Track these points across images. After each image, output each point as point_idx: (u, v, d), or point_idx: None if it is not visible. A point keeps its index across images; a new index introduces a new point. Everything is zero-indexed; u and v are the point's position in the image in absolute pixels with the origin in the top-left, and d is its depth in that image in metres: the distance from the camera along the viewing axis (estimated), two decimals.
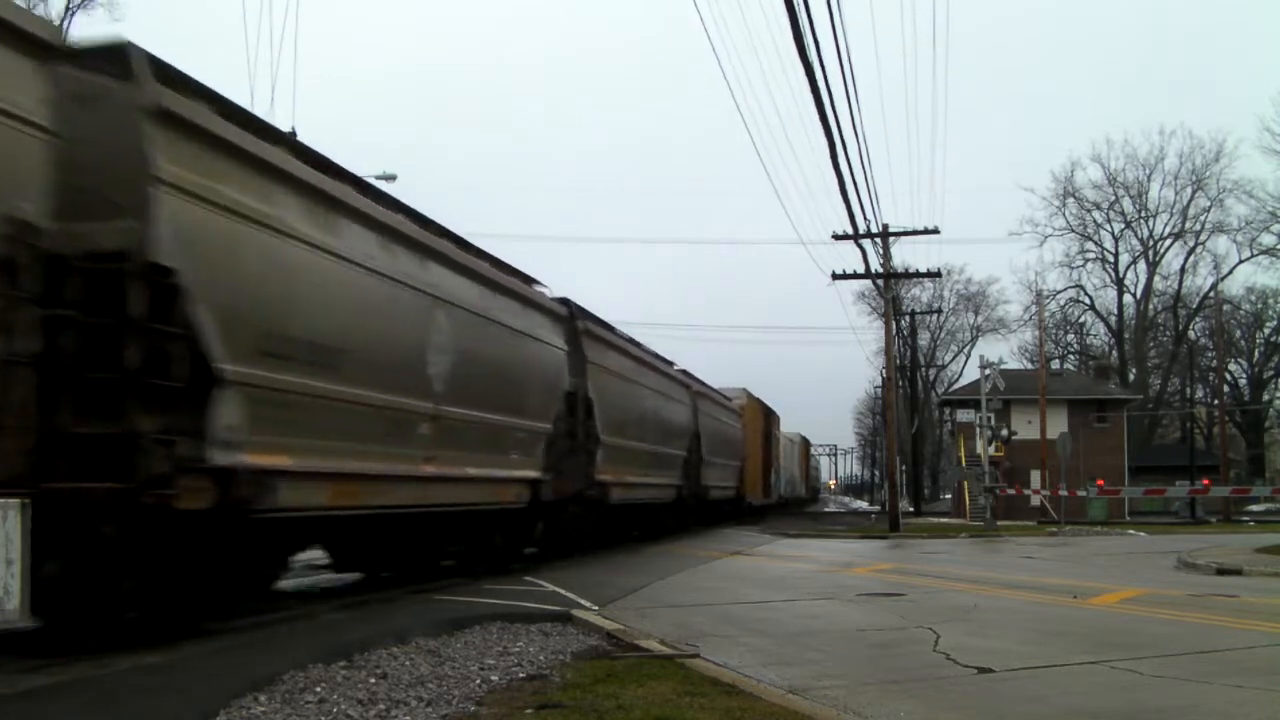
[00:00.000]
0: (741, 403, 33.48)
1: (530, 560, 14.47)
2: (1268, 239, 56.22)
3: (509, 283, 13.14)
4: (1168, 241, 60.92)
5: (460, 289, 11.36)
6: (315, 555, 11.88)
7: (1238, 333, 62.29)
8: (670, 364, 24.11)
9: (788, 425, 51.34)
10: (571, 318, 15.68)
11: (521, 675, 6.53)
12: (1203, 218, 58.91)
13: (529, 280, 14.19)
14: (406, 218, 10.61)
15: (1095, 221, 61.66)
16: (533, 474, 13.42)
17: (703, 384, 27.30)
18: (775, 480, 42.23)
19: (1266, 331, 63.82)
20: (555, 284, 15.64)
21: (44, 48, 6.42)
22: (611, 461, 16.96)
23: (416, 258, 10.43)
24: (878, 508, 59.67)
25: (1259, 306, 62.22)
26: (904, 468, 50.14)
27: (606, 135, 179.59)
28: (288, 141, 8.74)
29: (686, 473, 23.86)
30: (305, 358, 8.23)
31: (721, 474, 28.95)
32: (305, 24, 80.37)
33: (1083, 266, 61.96)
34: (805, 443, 64.24)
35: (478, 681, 6.28)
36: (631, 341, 20.11)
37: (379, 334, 9.51)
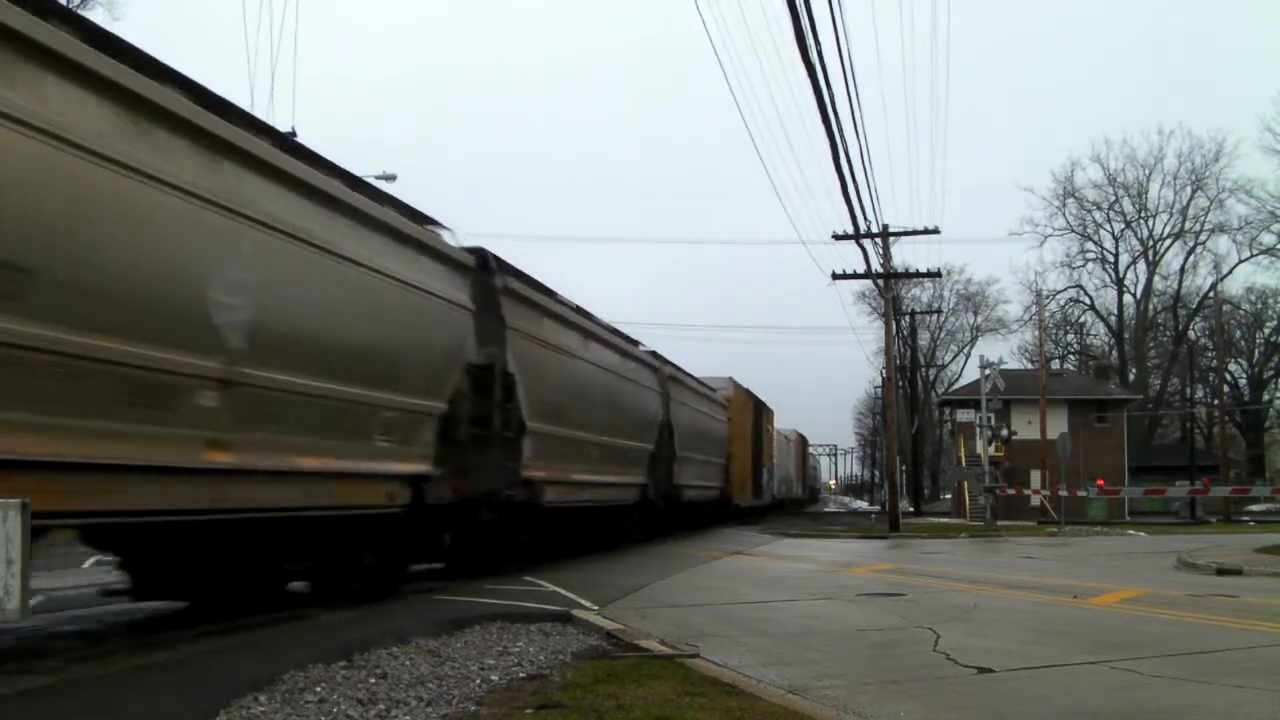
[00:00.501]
0: (728, 394, 30.79)
1: (427, 578, 12.03)
2: (1268, 239, 56.45)
3: (378, 212, 9.79)
4: (1168, 241, 61.12)
5: (284, 208, 8.18)
6: (114, 579, 9.38)
7: (1238, 333, 62.34)
8: (635, 343, 20.70)
9: (786, 423, 50.07)
10: (485, 270, 12.26)
11: (521, 675, 6.53)
12: (1203, 218, 59.15)
13: (421, 218, 10.98)
14: (185, 95, 7.27)
15: (1095, 221, 61.88)
16: (415, 468, 10.35)
17: (678, 369, 23.77)
18: (767, 479, 39.51)
19: (1266, 331, 63.89)
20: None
21: None
22: (545, 455, 13.84)
23: (199, 153, 7.23)
24: (878, 508, 59.63)
25: (1259, 306, 62.37)
26: (904, 468, 50.13)
27: (606, 135, 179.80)
28: None
29: (654, 470, 20.67)
30: None
31: (700, 472, 25.97)
32: (305, 24, 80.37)
33: (1083, 266, 62.19)
34: (802, 440, 61.72)
35: (478, 681, 6.28)
36: (579, 310, 16.38)
37: (112, 252, 6.47)
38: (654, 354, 22.12)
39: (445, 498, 10.97)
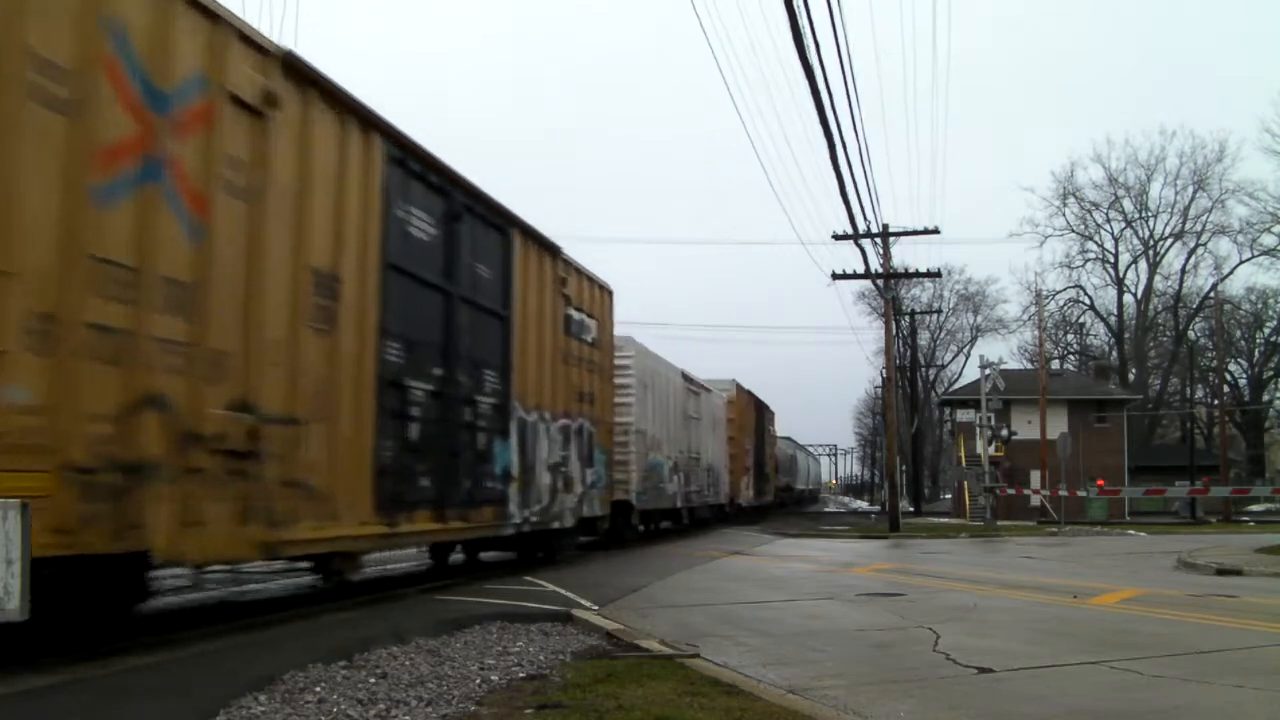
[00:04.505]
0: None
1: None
2: (1268, 239, 56.40)
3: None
4: (1168, 241, 61.12)
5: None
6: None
7: (1238, 333, 62.32)
8: None
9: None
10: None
11: (521, 675, 6.53)
12: (1204, 218, 59.12)
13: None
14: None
15: (1095, 222, 61.91)
16: None
17: None
18: (595, 471, 16.01)
19: (1266, 331, 63.85)
20: None
21: None
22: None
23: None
24: (878, 508, 59.61)
25: (1259, 306, 62.34)
26: (904, 468, 50.15)
27: (605, 135, 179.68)
28: None
29: None
30: None
31: None
32: (305, 22, 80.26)
33: (1082, 266, 62.22)
34: (754, 404, 36.54)
35: (478, 681, 6.28)
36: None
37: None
38: None
39: None
